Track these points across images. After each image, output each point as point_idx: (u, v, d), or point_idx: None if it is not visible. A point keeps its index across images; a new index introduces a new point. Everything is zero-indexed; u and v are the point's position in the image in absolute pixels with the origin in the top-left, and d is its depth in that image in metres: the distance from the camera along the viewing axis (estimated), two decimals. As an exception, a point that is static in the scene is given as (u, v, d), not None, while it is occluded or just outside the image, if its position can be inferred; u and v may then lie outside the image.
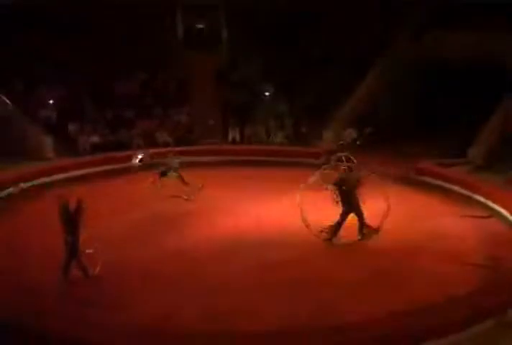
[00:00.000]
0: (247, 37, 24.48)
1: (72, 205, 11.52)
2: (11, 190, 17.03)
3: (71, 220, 11.44)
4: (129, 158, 18.54)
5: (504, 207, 15.52)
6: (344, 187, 13.45)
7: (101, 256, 11.78)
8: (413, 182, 18.62)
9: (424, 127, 21.69)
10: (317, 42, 24.63)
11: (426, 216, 15.46)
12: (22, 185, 17.25)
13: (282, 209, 15.80)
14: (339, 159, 15.17)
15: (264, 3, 24.31)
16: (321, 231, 13.62)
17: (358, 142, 21.65)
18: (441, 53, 21.86)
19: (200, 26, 26.03)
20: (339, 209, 13.59)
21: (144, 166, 18.04)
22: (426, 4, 21.98)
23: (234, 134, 22.91)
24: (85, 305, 10.58)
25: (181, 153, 18.87)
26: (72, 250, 11.45)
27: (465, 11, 20.72)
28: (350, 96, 22.96)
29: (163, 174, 17.16)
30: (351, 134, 21.92)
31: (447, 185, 17.98)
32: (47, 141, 20.66)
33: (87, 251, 11.66)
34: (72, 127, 21.93)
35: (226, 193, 17.11)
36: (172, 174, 17.17)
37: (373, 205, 13.68)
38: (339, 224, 13.56)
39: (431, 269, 12.28)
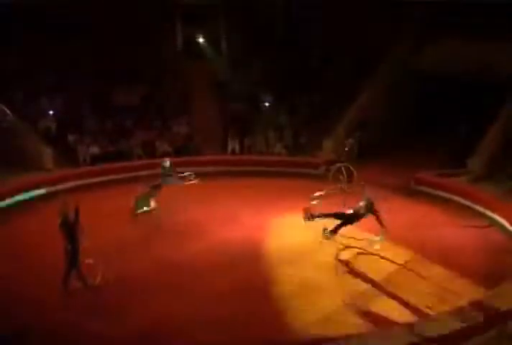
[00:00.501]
0: (246, 38, 24.46)
1: (72, 216, 11.54)
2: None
3: (70, 230, 11.46)
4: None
5: (504, 217, 15.54)
6: None
7: (101, 267, 11.79)
8: (412, 192, 18.62)
9: (424, 137, 21.67)
10: (317, 42, 24.66)
11: (426, 226, 15.47)
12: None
13: (281, 220, 15.83)
14: (339, 170, 15.24)
15: (264, 4, 24.32)
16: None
17: (356, 151, 21.60)
18: (441, 62, 21.82)
19: (200, 39, 25.94)
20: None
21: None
22: (426, 4, 21.89)
23: (233, 144, 22.87)
24: (85, 315, 10.56)
25: (182, 163, 18.93)
26: (72, 260, 11.46)
27: (465, 11, 20.69)
28: (351, 104, 22.90)
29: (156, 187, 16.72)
30: (351, 143, 21.88)
31: (447, 195, 17.99)
32: (47, 152, 20.59)
33: (87, 261, 11.67)
34: (71, 138, 21.90)
35: (225, 204, 17.12)
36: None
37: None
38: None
39: (431, 279, 12.28)
